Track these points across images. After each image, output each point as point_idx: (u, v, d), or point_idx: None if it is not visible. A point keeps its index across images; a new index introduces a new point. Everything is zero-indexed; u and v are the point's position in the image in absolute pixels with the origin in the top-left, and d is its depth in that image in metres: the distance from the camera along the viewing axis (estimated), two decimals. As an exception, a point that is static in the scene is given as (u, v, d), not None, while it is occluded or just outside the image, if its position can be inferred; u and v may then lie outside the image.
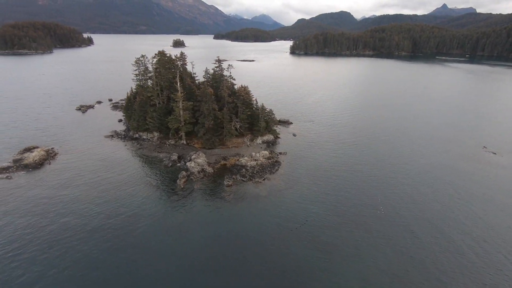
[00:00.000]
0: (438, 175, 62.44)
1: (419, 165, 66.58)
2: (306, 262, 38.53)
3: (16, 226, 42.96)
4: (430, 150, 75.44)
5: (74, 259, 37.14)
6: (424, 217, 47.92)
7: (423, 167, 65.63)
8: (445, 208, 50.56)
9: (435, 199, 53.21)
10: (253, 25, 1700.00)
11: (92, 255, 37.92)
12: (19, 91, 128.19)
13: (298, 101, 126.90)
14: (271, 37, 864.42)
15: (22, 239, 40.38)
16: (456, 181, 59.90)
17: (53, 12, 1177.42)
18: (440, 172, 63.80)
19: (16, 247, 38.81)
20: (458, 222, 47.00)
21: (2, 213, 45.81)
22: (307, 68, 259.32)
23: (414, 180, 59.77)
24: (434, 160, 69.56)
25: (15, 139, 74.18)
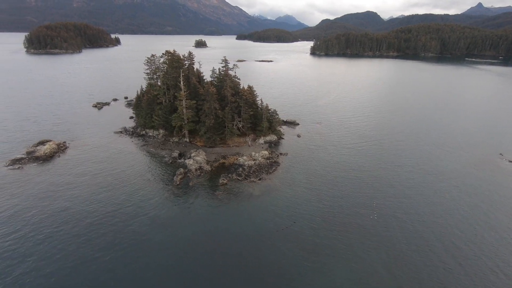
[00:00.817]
0: (445, 181, 59.54)
1: (425, 172, 63.75)
2: (289, 262, 38.29)
3: (19, 212, 45.91)
4: (441, 156, 72.03)
5: (65, 246, 39.19)
6: (420, 224, 45.95)
7: (429, 174, 62.79)
8: (448, 216, 48.17)
9: (436, 206, 50.82)
10: (276, 25, 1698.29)
11: (80, 244, 39.81)
12: (45, 88, 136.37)
13: (309, 102, 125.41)
14: (294, 38, 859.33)
15: (21, 225, 43.11)
16: (461, 187, 56.85)
17: (86, 13, 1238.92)
18: (448, 178, 60.77)
19: (16, 230, 41.56)
20: (461, 230, 44.65)
21: (6, 198, 49.10)
22: (325, 69, 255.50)
23: (417, 186, 57.38)
24: (444, 167, 66.35)
25: (32, 133, 79.06)
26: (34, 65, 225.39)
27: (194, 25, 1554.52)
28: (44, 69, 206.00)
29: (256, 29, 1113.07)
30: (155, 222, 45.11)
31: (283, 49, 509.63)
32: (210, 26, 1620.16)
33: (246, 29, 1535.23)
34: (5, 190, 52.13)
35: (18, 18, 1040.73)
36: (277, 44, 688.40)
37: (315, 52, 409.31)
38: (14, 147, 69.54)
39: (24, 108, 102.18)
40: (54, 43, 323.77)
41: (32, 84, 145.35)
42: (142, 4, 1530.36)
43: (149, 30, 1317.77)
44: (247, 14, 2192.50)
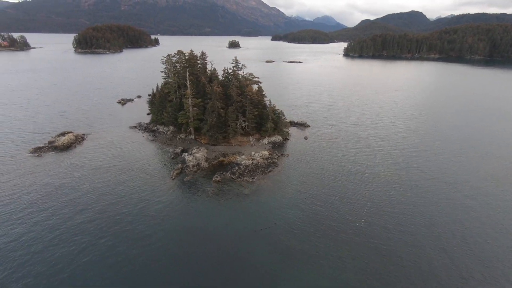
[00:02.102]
0: (450, 193, 55.16)
1: (432, 183, 59.46)
2: (261, 262, 38.26)
3: (23, 194, 50.96)
4: (455, 168, 66.62)
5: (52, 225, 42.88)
6: (409, 239, 43.18)
7: (436, 185, 58.50)
8: (445, 232, 44.75)
9: (435, 221, 47.36)
10: (314, 26, 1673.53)
11: (64, 227, 43.24)
12: (80, 85, 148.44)
13: (327, 104, 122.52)
14: (330, 39, 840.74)
15: (22, 207, 47.85)
16: (466, 202, 52.24)
17: (132, 16, 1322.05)
18: (455, 190, 56.22)
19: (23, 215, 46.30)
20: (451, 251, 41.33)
21: (19, 179, 54.67)
22: (354, 71, 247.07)
23: (417, 199, 53.75)
24: (454, 179, 61.39)
25: (58, 125, 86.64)
26: (77, 64, 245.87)
27: (231, 26, 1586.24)
28: (84, 67, 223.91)
29: (293, 30, 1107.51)
30: (141, 213, 47.37)
31: (315, 50, 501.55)
32: (247, 27, 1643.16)
33: (283, 30, 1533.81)
34: (19, 174, 57.99)
35: (73, 20, 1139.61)
36: (311, 45, 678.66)
37: (349, 54, 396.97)
38: (40, 137, 76.81)
39: (57, 103, 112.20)
40: (99, 43, 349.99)
41: (70, 81, 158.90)
42: (183, 7, 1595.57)
43: (189, 31, 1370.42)
44: (284, 15, 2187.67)
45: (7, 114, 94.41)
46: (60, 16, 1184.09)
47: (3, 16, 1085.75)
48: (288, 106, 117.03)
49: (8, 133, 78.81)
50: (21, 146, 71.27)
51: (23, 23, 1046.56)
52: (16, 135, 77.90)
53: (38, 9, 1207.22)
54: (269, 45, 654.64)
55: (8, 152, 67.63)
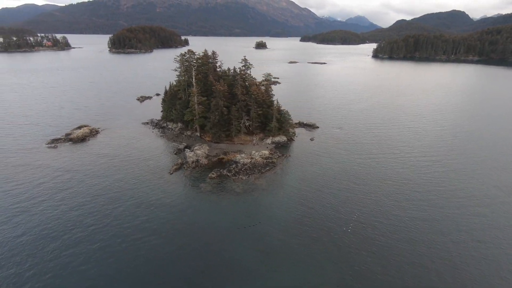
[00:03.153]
0: (453, 212, 51.60)
1: (434, 196, 55.93)
2: (240, 259, 38.44)
3: (31, 182, 55.20)
4: (467, 182, 62.23)
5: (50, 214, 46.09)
6: (395, 248, 41.16)
7: (439, 200, 55.02)
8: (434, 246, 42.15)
9: (425, 237, 44.72)
10: (346, 27, 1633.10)
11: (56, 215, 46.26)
12: (106, 83, 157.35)
13: (342, 106, 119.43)
14: (361, 40, 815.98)
15: (27, 195, 51.86)
16: (467, 219, 48.59)
17: (166, 17, 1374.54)
18: (462, 207, 52.53)
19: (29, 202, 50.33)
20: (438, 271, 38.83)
21: (34, 168, 59.30)
22: (380, 72, 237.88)
23: (412, 210, 50.92)
24: (461, 191, 57.40)
25: (76, 119, 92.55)
26: (109, 63, 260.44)
27: (261, 27, 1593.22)
28: (114, 66, 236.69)
29: (323, 31, 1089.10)
30: (132, 205, 49.33)
31: (343, 51, 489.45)
32: (276, 28, 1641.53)
33: (313, 31, 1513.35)
34: (32, 162, 62.88)
35: (113, 22, 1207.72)
36: (340, 46, 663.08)
37: (378, 55, 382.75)
38: (59, 130, 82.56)
39: (81, 99, 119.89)
40: (131, 43, 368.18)
41: (97, 79, 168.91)
42: (215, 8, 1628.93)
43: (219, 32, 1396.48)
44: (315, 15, 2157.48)
45: (36, 109, 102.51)
46: (101, 18, 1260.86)
47: (51, 18, 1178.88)
48: (300, 106, 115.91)
49: (32, 126, 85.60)
50: (42, 137, 77.07)
51: (68, 25, 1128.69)
52: (38, 127, 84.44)
53: (82, 12, 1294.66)
54: (297, 46, 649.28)
55: (28, 142, 73.59)
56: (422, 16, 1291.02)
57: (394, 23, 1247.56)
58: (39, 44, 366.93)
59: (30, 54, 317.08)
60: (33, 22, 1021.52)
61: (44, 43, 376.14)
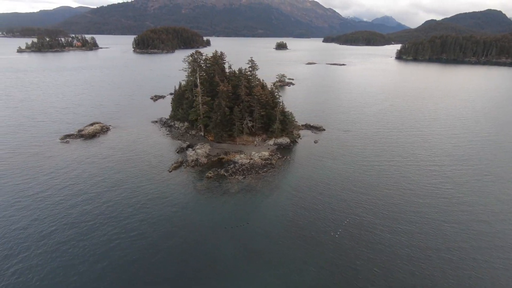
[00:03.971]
0: (451, 229, 49.10)
1: (432, 207, 53.49)
2: (224, 259, 38.76)
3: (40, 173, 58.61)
4: (472, 196, 58.96)
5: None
6: (381, 256, 39.89)
7: (435, 210, 52.58)
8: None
9: (415, 254, 42.93)
10: (371, 27, 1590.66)
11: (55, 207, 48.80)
12: (125, 82, 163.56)
13: (353, 108, 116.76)
14: (386, 41, 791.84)
15: (42, 190, 55.16)
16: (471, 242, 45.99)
17: (191, 18, 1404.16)
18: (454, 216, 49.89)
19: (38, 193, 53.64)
20: (422, 271, 37.19)
21: (45, 162, 62.99)
22: (401, 75, 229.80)
23: (411, 222, 49.03)
24: (466, 202, 54.47)
25: (91, 116, 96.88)
26: (131, 62, 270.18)
27: (284, 28, 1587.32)
28: (135, 65, 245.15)
29: (348, 32, 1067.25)
30: (125, 200, 50.98)
31: (366, 52, 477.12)
32: (300, 28, 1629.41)
33: (337, 32, 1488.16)
34: (43, 155, 66.72)
35: (140, 23, 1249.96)
36: (364, 47, 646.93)
37: (402, 57, 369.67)
38: (73, 126, 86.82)
39: (98, 97, 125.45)
40: (154, 44, 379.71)
41: (117, 78, 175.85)
42: (239, 9, 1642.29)
43: (242, 33, 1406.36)
44: (340, 16, 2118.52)
45: (55, 106, 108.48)
46: (129, 20, 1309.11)
47: (83, 20, 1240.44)
48: (310, 108, 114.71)
49: (49, 122, 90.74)
50: (56, 133, 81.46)
51: (99, 26, 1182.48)
52: (55, 123, 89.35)
53: (112, 13, 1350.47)
54: (318, 47, 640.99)
55: (44, 137, 78.19)
56: (454, 16, 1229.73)
57: (422, 24, 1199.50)
58: (70, 44, 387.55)
59: (60, 54, 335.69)
60: (67, 24, 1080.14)
61: (74, 44, 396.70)
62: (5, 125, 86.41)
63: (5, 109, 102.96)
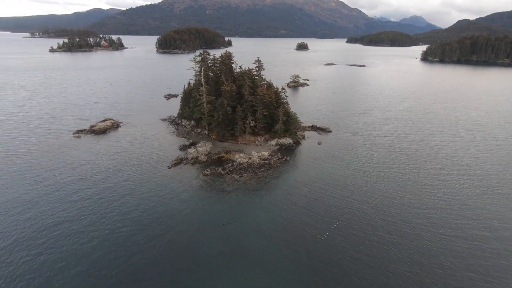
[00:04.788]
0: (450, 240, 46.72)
1: (429, 218, 51.16)
2: (207, 256, 39.27)
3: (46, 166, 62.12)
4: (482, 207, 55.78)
5: (55, 196, 51.66)
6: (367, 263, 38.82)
7: (430, 223, 50.23)
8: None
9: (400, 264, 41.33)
10: (399, 28, 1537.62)
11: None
12: (142, 80, 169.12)
13: (365, 111, 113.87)
14: (413, 42, 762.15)
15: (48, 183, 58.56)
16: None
17: (215, 19, 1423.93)
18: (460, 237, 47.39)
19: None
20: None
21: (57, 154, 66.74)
22: (424, 76, 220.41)
23: (398, 229, 47.21)
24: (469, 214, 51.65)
25: (104, 113, 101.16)
26: (152, 61, 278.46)
27: (307, 28, 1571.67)
28: (155, 65, 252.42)
29: (374, 32, 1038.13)
30: (121, 193, 53.04)
31: (389, 53, 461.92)
32: (324, 29, 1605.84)
33: (363, 32, 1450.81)
34: (54, 148, 70.61)
35: (165, 24, 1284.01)
36: (388, 48, 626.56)
37: (427, 58, 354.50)
38: (87, 122, 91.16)
39: (114, 95, 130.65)
40: (176, 44, 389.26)
41: (136, 76, 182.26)
42: (263, 10, 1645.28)
43: (265, 34, 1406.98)
44: (366, 16, 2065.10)
45: (73, 103, 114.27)
46: (156, 21, 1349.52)
47: (113, 21, 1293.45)
48: (320, 110, 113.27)
49: (66, 117, 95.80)
50: (70, 128, 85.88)
51: (127, 27, 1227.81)
52: (70, 119, 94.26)
53: (140, 14, 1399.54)
54: (341, 48, 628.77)
55: (58, 131, 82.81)
56: (489, 15, 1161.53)
57: (454, 24, 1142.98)
58: (97, 45, 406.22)
59: (88, 54, 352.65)
60: (97, 25, 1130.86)
61: (102, 44, 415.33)
62: (26, 120, 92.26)
63: (29, 104, 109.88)
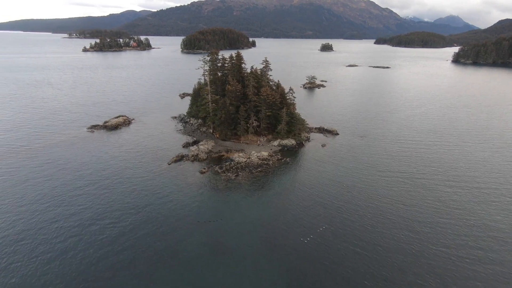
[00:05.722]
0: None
1: (422, 232, 48.65)
2: (187, 252, 39.87)
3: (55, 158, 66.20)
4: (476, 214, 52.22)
5: (59, 186, 55.03)
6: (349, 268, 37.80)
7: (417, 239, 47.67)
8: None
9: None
10: (432, 28, 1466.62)
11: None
12: (160, 79, 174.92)
13: (378, 114, 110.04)
14: (447, 43, 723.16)
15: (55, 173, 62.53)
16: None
17: (242, 20, 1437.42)
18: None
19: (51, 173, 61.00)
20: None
21: (70, 148, 71.00)
22: (452, 80, 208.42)
23: (389, 240, 45.30)
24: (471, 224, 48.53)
25: (119, 110, 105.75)
26: (175, 61, 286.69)
27: (335, 29, 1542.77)
28: (177, 64, 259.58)
29: (405, 32, 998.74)
30: (117, 186, 55.28)
31: (418, 55, 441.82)
32: (351, 30, 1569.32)
33: (393, 33, 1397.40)
34: (68, 141, 75.09)
35: (194, 25, 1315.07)
36: (418, 50, 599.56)
37: (459, 60, 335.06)
38: (101, 118, 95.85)
39: (132, 93, 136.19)
40: (200, 44, 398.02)
41: (156, 75, 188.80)
42: (290, 10, 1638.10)
43: (291, 34, 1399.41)
44: (397, 16, 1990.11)
45: (92, 100, 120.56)
46: (184, 22, 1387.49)
47: (144, 22, 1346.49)
48: (330, 112, 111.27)
49: (82, 113, 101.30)
50: (85, 123, 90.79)
51: (157, 28, 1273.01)
52: (87, 115, 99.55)
53: (169, 16, 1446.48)
54: (367, 49, 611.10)
55: (73, 126, 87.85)
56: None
57: (494, 24, 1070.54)
58: (127, 45, 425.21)
59: (118, 53, 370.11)
60: (130, 26, 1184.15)
61: (131, 44, 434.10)
62: (46, 115, 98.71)
63: (52, 101, 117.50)
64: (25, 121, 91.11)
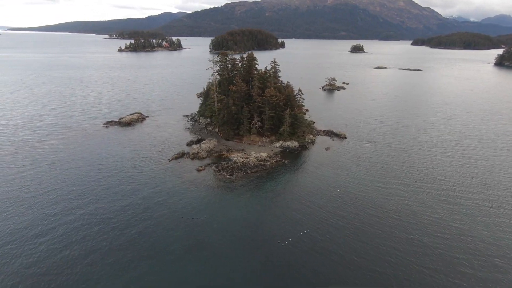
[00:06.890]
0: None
1: (417, 251, 45.65)
2: (167, 248, 40.90)
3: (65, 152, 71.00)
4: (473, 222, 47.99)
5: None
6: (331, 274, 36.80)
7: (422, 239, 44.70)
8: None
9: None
10: (479, 28, 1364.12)
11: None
12: (181, 79, 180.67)
13: (395, 119, 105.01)
14: (493, 44, 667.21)
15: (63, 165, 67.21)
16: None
17: (274, 21, 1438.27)
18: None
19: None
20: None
21: (81, 144, 76.00)
22: (490, 85, 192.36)
23: (375, 254, 43.14)
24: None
25: (135, 107, 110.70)
26: (199, 61, 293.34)
27: (370, 29, 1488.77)
28: (202, 64, 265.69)
29: (446, 33, 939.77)
30: (116, 180, 58.07)
31: (457, 57, 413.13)
32: (388, 30, 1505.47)
33: (434, 33, 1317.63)
34: (82, 135, 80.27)
35: (226, 26, 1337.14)
36: (459, 51, 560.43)
37: (503, 63, 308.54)
38: (118, 115, 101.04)
39: (151, 92, 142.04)
40: (228, 45, 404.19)
41: (179, 75, 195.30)
42: (323, 11, 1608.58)
43: (323, 35, 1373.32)
44: (439, 16, 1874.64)
45: (113, 98, 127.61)
46: (217, 23, 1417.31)
47: (180, 23, 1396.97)
48: (343, 115, 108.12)
49: (101, 110, 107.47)
50: (102, 119, 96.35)
51: (191, 29, 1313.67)
52: (105, 112, 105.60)
53: (203, 17, 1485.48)
54: (402, 50, 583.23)
55: (91, 122, 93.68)
56: None
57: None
58: (159, 45, 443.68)
59: (150, 53, 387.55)
60: (166, 27, 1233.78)
61: (163, 45, 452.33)
62: (68, 110, 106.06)
63: (77, 97, 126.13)
64: (50, 117, 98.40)
